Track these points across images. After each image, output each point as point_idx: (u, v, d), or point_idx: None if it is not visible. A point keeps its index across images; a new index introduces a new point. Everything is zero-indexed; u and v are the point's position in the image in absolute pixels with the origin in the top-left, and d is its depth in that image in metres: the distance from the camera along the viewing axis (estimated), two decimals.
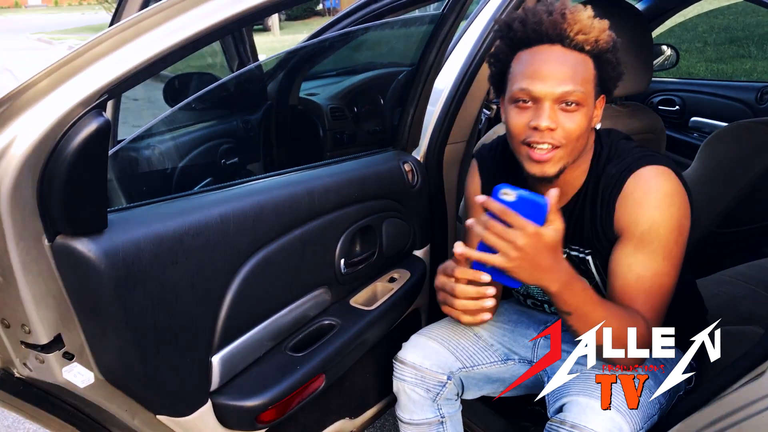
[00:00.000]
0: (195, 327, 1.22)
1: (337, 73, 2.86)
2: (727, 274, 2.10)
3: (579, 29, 1.21)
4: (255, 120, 2.41)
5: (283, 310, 1.43)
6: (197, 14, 1.01)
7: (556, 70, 1.22)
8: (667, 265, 1.28)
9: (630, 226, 1.29)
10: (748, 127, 2.31)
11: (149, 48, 0.97)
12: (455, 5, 1.59)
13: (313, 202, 1.45)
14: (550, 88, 1.22)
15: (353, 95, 2.69)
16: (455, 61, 1.89)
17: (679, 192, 1.28)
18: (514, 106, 1.27)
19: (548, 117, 1.22)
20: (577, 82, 1.22)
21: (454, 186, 1.98)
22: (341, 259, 1.54)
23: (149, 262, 1.10)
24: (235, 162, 2.25)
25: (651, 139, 2.16)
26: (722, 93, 3.28)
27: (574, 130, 1.23)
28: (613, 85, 1.31)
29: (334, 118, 2.58)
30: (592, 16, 1.24)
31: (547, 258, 1.16)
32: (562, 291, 1.21)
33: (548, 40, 1.23)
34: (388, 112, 2.53)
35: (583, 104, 1.23)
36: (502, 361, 1.59)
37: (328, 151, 2.64)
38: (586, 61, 1.24)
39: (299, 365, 1.38)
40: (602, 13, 1.89)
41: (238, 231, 1.27)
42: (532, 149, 1.25)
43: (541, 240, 1.14)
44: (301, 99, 2.65)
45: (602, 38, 1.23)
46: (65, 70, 0.92)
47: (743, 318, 1.85)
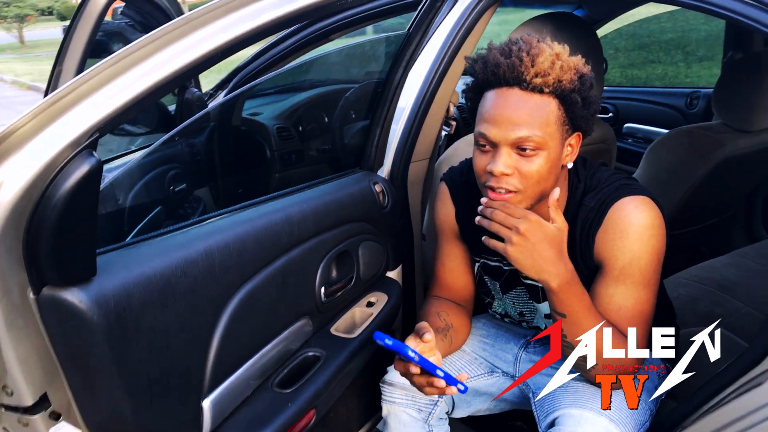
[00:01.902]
0: (187, 371, 1.16)
1: (278, 91, 2.80)
2: (683, 276, 2.17)
3: (536, 72, 1.19)
4: (200, 143, 2.33)
5: (268, 345, 1.37)
6: (185, 45, 0.96)
7: (511, 115, 1.21)
8: (648, 292, 1.31)
9: (611, 258, 1.30)
10: (690, 133, 2.39)
11: (139, 83, 0.92)
12: (421, 25, 1.57)
13: (293, 230, 1.40)
14: (505, 134, 1.21)
15: (300, 114, 2.64)
16: (414, 79, 1.88)
17: (659, 221, 1.30)
18: (476, 148, 1.28)
19: (503, 163, 1.22)
20: (534, 127, 1.20)
21: (418, 204, 1.96)
22: (321, 288, 1.49)
23: (140, 307, 1.03)
24: (183, 188, 2.16)
25: (604, 149, 2.21)
26: (653, 99, 3.40)
27: (532, 175, 1.23)
28: (585, 123, 1.28)
29: (281, 138, 2.53)
30: (558, 54, 1.23)
31: (549, 251, 1.21)
32: (562, 289, 1.24)
33: (506, 83, 1.22)
34: (338, 131, 2.50)
35: (543, 147, 1.22)
36: (488, 373, 1.59)
37: (277, 172, 2.58)
38: (548, 102, 1.22)
39: (289, 402, 1.33)
40: (555, 29, 1.94)
41: (223, 266, 1.22)
42: (492, 192, 1.26)
43: (543, 229, 1.21)
44: (245, 119, 2.58)
45: (565, 78, 1.21)
46: (52, 111, 0.85)
47: (703, 319, 1.91)
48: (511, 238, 1.20)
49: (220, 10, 0.98)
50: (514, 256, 1.21)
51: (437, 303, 1.52)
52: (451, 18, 1.88)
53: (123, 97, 0.90)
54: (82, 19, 1.52)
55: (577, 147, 1.31)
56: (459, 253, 1.54)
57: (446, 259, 1.55)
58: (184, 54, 0.95)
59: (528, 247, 1.20)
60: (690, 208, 2.44)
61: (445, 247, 1.55)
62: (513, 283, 1.49)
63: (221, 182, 2.34)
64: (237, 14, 1.00)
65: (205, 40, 0.97)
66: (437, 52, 1.87)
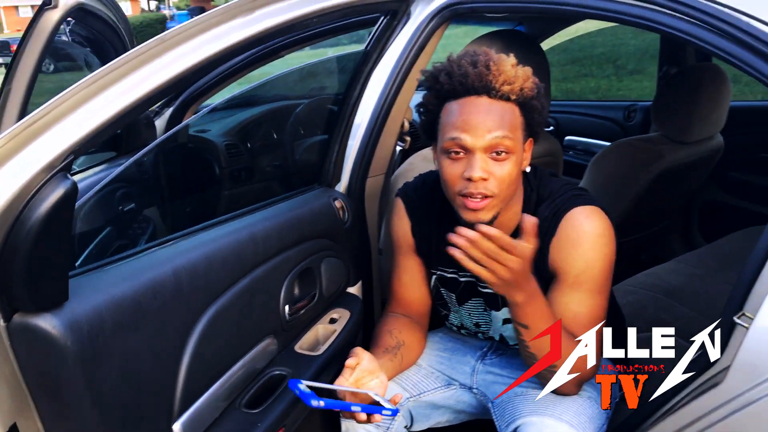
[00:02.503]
0: (158, 395, 1.14)
1: (226, 107, 2.78)
2: (630, 283, 2.24)
3: (504, 80, 1.24)
4: (147, 161, 2.29)
5: (236, 365, 1.35)
6: (159, 65, 0.95)
7: (484, 120, 1.24)
8: (601, 299, 1.36)
9: (565, 267, 1.34)
10: (632, 145, 2.49)
11: (113, 104, 0.91)
12: (378, 43, 1.59)
13: (258, 248, 1.40)
14: (480, 138, 1.24)
15: (249, 130, 2.62)
16: (370, 95, 1.89)
17: (609, 229, 1.34)
18: (447, 157, 1.29)
19: (480, 168, 1.24)
20: (505, 130, 1.24)
21: (375, 219, 1.97)
22: (286, 305, 1.49)
23: (112, 331, 1.01)
24: (132, 208, 2.12)
25: (551, 161, 2.27)
26: (593, 113, 3.52)
27: (505, 178, 1.26)
28: (539, 129, 1.34)
29: (230, 155, 2.50)
30: (516, 64, 1.29)
31: (523, 274, 1.23)
32: (526, 303, 1.26)
33: (474, 91, 1.25)
34: (290, 147, 2.50)
35: (513, 151, 1.26)
36: (445, 386, 1.60)
37: (226, 190, 2.55)
38: (513, 109, 1.27)
39: (259, 422, 1.32)
40: (505, 46, 1.99)
41: (191, 287, 1.20)
42: (467, 198, 1.27)
43: (526, 258, 1.21)
44: (192, 136, 2.55)
45: (527, 86, 1.27)
46: (26, 134, 0.84)
47: (651, 324, 1.97)
48: (499, 272, 1.19)
49: (192, 30, 0.98)
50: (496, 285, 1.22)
51: (390, 321, 1.53)
52: (404, 35, 1.90)
53: (97, 119, 0.88)
54: (32, 36, 1.48)
55: (530, 153, 1.35)
56: (415, 267, 1.56)
57: (402, 274, 1.57)
58: (158, 74, 0.94)
59: (513, 277, 1.21)
60: (632, 217, 2.54)
61: (401, 262, 1.57)
62: (469, 294, 1.52)
63: (169, 201, 2.30)
64: (209, 34, 1.00)
65: (177, 61, 0.97)
66: (391, 69, 1.89)
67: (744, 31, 1.23)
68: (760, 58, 1.21)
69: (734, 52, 1.25)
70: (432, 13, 1.84)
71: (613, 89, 6.76)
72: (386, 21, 1.55)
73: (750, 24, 1.22)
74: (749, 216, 2.74)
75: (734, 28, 1.24)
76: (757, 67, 1.22)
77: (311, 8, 1.28)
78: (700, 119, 2.36)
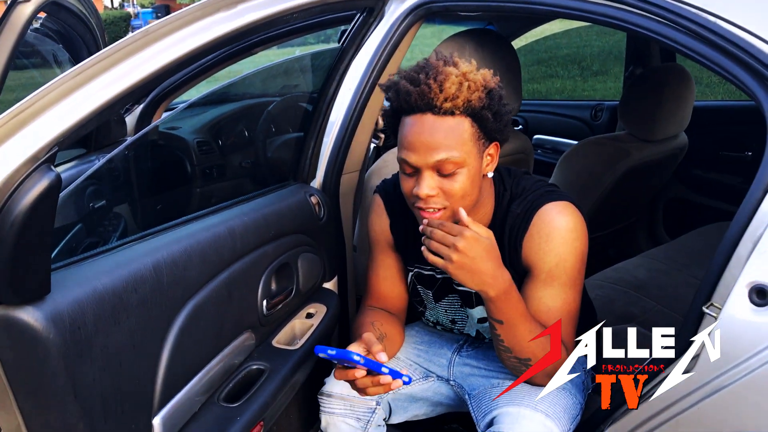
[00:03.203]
0: (138, 389, 1.14)
1: (198, 104, 2.76)
2: (598, 278, 2.29)
3: (445, 96, 1.23)
4: (117, 157, 2.26)
5: (214, 359, 1.36)
6: (143, 58, 0.95)
7: (428, 140, 1.25)
8: (574, 292, 1.38)
9: (538, 262, 1.36)
10: (599, 143, 2.54)
11: (96, 96, 0.91)
12: (355, 39, 1.61)
13: (236, 242, 1.40)
14: (424, 159, 1.25)
15: (221, 127, 2.61)
16: (345, 92, 1.91)
17: (581, 224, 1.37)
18: (401, 171, 1.32)
19: (427, 186, 1.26)
20: (451, 148, 1.24)
21: (350, 215, 1.99)
22: (263, 300, 1.49)
23: (94, 324, 1.01)
24: (103, 205, 2.10)
25: (522, 159, 2.31)
26: (560, 112, 3.58)
27: (456, 192, 1.28)
28: (500, 134, 1.32)
29: (201, 152, 2.49)
30: (465, 74, 1.26)
31: (488, 263, 1.25)
32: (499, 298, 1.28)
33: (419, 109, 1.25)
34: (262, 143, 2.49)
35: (463, 165, 1.27)
36: (423, 378, 1.63)
37: (198, 187, 2.54)
38: (461, 122, 1.25)
39: (238, 416, 1.32)
40: (477, 45, 2.02)
41: (170, 281, 1.20)
42: (421, 210, 1.31)
43: (480, 243, 1.24)
44: (162, 133, 2.53)
45: (473, 98, 1.24)
46: (10, 126, 0.83)
47: (620, 318, 2.03)
48: (451, 256, 1.23)
49: (175, 23, 0.98)
50: (454, 272, 1.25)
51: (371, 313, 1.54)
52: (379, 33, 1.92)
53: (81, 112, 0.88)
54: (4, 30, 1.46)
55: (497, 156, 1.35)
56: (393, 263, 1.58)
57: (380, 270, 1.58)
58: (141, 67, 0.94)
59: (467, 262, 1.23)
60: (600, 213, 2.59)
61: (380, 258, 1.58)
62: (446, 291, 1.54)
63: (140, 198, 2.28)
64: (192, 27, 1.01)
65: (160, 54, 0.97)
66: (365, 66, 1.91)
67: (710, 30, 1.27)
68: (725, 56, 1.26)
69: (701, 50, 1.30)
70: (406, 11, 1.87)
71: (578, 89, 6.87)
72: (362, 18, 1.56)
73: (716, 23, 1.27)
74: (712, 212, 2.81)
75: (701, 27, 1.29)
76: (722, 65, 1.27)
77: (293, 3, 1.28)
78: (665, 118, 2.42)
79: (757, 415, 1.17)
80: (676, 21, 1.32)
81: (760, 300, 1.14)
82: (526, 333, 1.32)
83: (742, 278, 1.16)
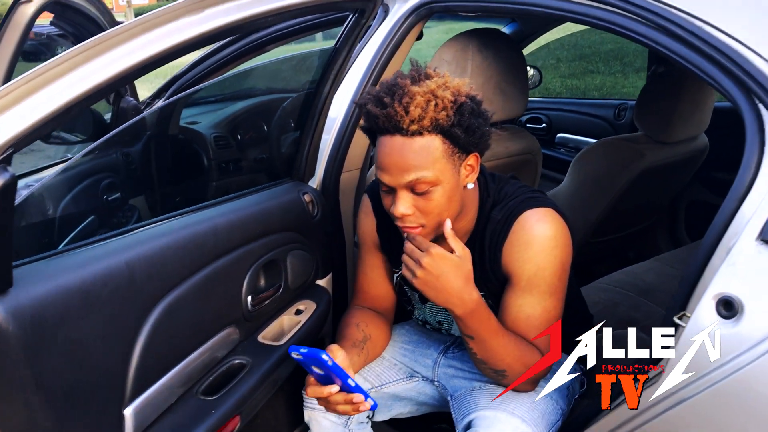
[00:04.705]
0: (107, 381, 1.17)
1: (217, 99, 2.81)
2: (605, 281, 2.26)
3: (411, 119, 1.22)
4: (135, 152, 2.32)
5: (194, 353, 1.39)
6: (104, 62, 0.98)
7: (399, 162, 1.24)
8: (554, 300, 1.37)
9: (517, 270, 1.36)
10: (613, 144, 2.50)
11: (55, 98, 0.94)
12: (348, 39, 1.62)
13: (218, 240, 1.43)
14: (397, 179, 1.26)
15: (238, 123, 2.65)
16: (346, 89, 1.92)
17: (562, 231, 1.36)
18: (380, 188, 1.33)
19: (402, 206, 1.27)
20: (422, 168, 1.24)
21: (350, 213, 2.00)
22: (248, 296, 1.52)
23: (58, 318, 1.05)
24: (117, 197, 2.16)
25: (529, 159, 2.29)
26: (584, 110, 3.53)
27: (431, 210, 1.28)
28: (475, 147, 1.30)
29: (218, 147, 2.53)
30: (433, 92, 1.24)
31: (454, 281, 1.26)
32: (466, 316, 1.29)
33: (387, 132, 1.26)
34: (276, 140, 2.52)
35: (437, 183, 1.26)
36: (408, 378, 1.64)
37: (214, 181, 2.58)
38: (431, 140, 1.24)
39: (213, 409, 1.35)
40: (481, 45, 2.01)
41: (144, 277, 1.23)
42: (402, 227, 1.32)
43: (446, 262, 1.25)
44: (182, 128, 2.58)
45: (441, 117, 1.22)
46: None
47: (623, 322, 2.00)
48: (415, 271, 1.26)
49: (141, 26, 1.01)
50: (419, 287, 1.28)
51: (357, 314, 1.56)
52: (381, 32, 1.94)
53: (39, 113, 0.92)
54: (8, 29, 1.51)
55: (477, 166, 1.34)
56: (380, 263, 1.59)
57: (368, 269, 1.60)
58: (100, 72, 0.97)
59: (431, 279, 1.25)
60: (615, 215, 2.55)
61: (367, 258, 1.60)
62: None
63: (157, 191, 2.34)
64: (157, 32, 1.03)
65: (120, 59, 1.00)
66: (367, 64, 1.92)
67: (695, 35, 1.26)
68: (709, 61, 1.24)
69: (686, 55, 1.28)
70: (409, 10, 1.88)
71: (618, 86, 6.74)
72: (354, 19, 1.57)
73: (702, 28, 1.25)
74: None
75: (687, 32, 1.27)
76: (704, 68, 1.25)
77: (279, 4, 1.31)
78: (682, 120, 2.37)
79: (716, 429, 1.15)
80: (660, 23, 1.30)
81: (727, 312, 1.12)
82: (499, 348, 1.33)
83: (710, 289, 1.14)
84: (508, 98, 2.06)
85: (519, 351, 1.34)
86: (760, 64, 1.19)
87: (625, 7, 1.38)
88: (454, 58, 2.00)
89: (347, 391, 1.25)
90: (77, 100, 0.95)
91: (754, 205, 1.15)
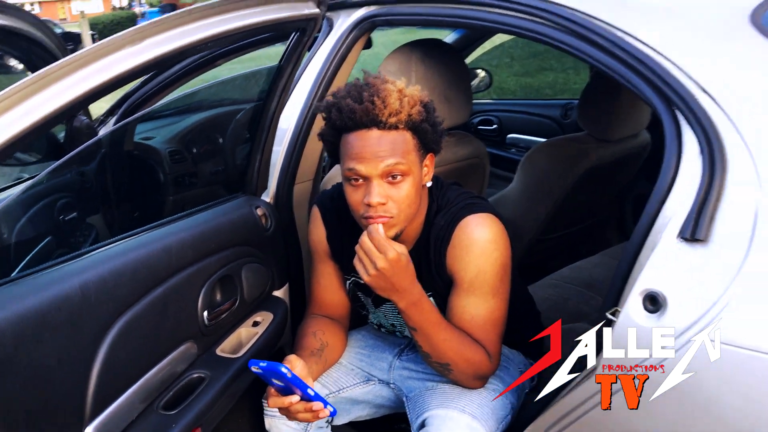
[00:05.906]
0: (67, 402, 1.21)
1: (172, 113, 2.82)
2: (554, 277, 2.34)
3: (390, 112, 1.30)
4: (91, 170, 2.33)
5: (152, 370, 1.42)
6: (75, 79, 1.03)
7: (377, 151, 1.31)
8: (497, 300, 1.45)
9: (460, 273, 1.44)
10: (558, 144, 2.59)
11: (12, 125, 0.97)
12: (291, 57, 1.66)
13: (171, 259, 1.47)
14: (374, 167, 1.32)
15: (192, 137, 2.67)
16: (296, 100, 1.97)
17: (500, 235, 1.43)
18: (348, 184, 1.38)
19: (378, 194, 1.33)
20: (398, 156, 1.32)
21: (305, 223, 2.04)
22: (204, 311, 1.56)
23: (12, 345, 1.08)
24: (74, 217, 2.17)
25: (477, 163, 2.36)
26: (533, 111, 3.62)
27: (403, 199, 1.35)
28: (436, 145, 1.41)
29: (174, 161, 2.55)
30: (401, 90, 1.33)
31: (402, 280, 1.34)
32: (409, 309, 1.38)
33: (364, 126, 1.32)
34: (231, 152, 2.55)
35: (408, 173, 1.34)
36: (364, 382, 1.70)
37: (171, 195, 2.60)
38: (404, 134, 1.33)
39: (174, 423, 1.39)
40: (424, 55, 2.07)
41: (99, 300, 1.27)
42: (370, 218, 1.36)
43: (399, 265, 1.32)
44: (137, 144, 2.59)
45: (414, 112, 1.33)
46: None
47: (572, 316, 2.08)
48: (369, 270, 1.33)
49: (79, 62, 1.05)
50: (368, 281, 1.35)
51: (313, 322, 1.61)
52: (328, 44, 1.99)
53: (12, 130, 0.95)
54: None
55: (432, 166, 1.44)
56: (332, 271, 1.64)
57: (321, 278, 1.65)
58: (51, 101, 1.01)
59: (382, 279, 1.33)
60: (564, 212, 2.63)
61: (319, 267, 1.65)
62: (384, 298, 1.61)
63: (114, 208, 2.35)
64: (102, 62, 1.08)
65: (69, 88, 1.04)
66: (315, 75, 1.98)
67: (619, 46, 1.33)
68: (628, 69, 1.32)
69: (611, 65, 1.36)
70: (353, 24, 1.94)
71: (570, 83, 6.85)
72: (297, 37, 1.62)
73: (623, 39, 1.33)
74: None
75: (611, 43, 1.35)
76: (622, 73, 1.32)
77: (214, 31, 1.35)
78: (621, 118, 2.45)
79: (642, 423, 1.22)
80: (584, 35, 1.38)
81: (652, 307, 1.19)
82: (441, 341, 1.40)
83: (637, 285, 1.21)
84: (453, 106, 2.12)
85: (461, 346, 1.41)
86: (677, 74, 1.27)
87: (553, 20, 1.46)
88: (399, 69, 2.05)
89: (307, 400, 1.29)
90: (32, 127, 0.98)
91: (675, 206, 1.22)
